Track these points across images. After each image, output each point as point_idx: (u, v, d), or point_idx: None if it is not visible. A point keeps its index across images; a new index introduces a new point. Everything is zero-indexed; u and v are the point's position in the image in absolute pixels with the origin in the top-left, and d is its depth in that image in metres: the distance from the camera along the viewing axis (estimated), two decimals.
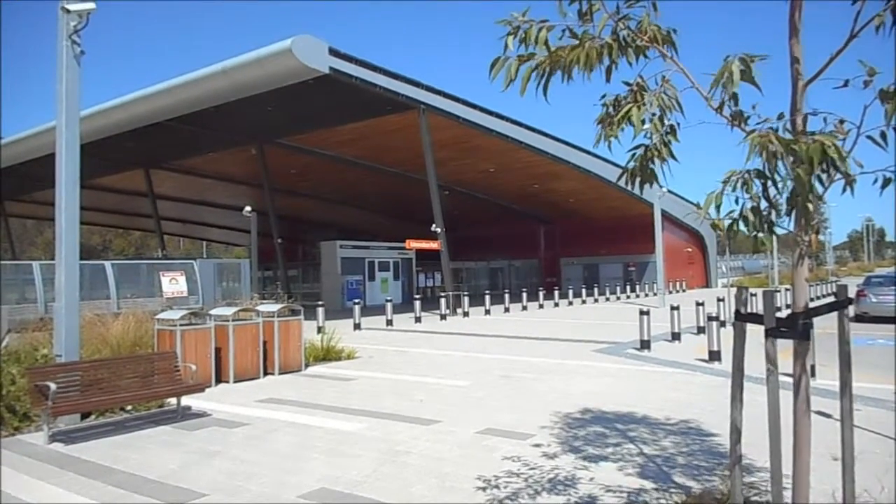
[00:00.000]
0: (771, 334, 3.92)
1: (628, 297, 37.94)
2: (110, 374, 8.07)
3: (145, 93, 23.67)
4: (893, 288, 19.95)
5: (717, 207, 3.17)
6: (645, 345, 14.14)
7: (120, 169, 34.77)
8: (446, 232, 26.25)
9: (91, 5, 8.32)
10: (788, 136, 3.42)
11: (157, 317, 10.60)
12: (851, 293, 32.91)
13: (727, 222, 3.32)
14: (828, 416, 7.56)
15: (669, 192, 37.02)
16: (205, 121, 25.66)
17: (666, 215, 34.08)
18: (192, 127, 26.58)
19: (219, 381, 10.75)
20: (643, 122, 3.28)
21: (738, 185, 3.23)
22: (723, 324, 18.60)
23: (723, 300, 19.57)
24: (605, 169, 36.02)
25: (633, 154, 3.52)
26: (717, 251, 54.06)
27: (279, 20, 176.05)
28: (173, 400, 8.65)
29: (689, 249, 47.70)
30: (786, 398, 3.85)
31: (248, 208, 25.21)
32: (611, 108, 3.68)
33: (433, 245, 26.63)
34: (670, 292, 38.75)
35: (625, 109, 3.31)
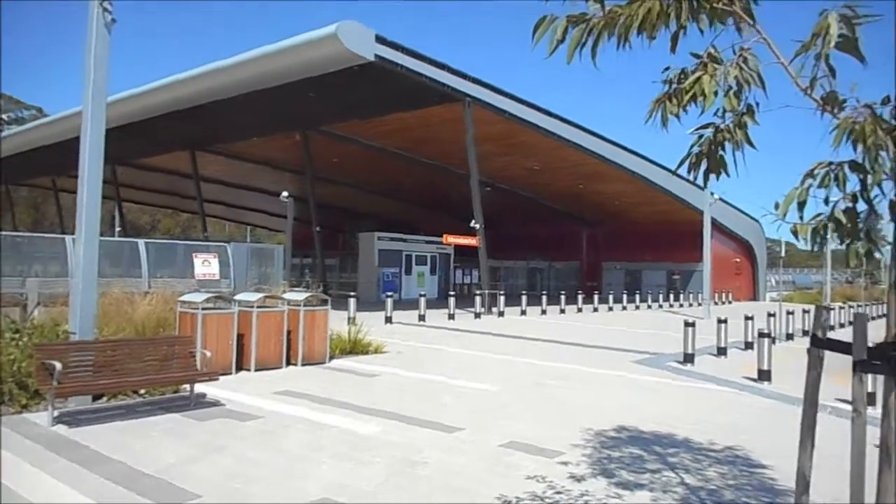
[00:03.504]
0: (861, 368, 3.18)
1: (671, 305, 36.74)
2: (124, 355, 7.76)
3: (191, 74, 23.70)
4: None
5: (801, 207, 2.55)
6: (688, 358, 13.33)
7: (167, 150, 35.10)
8: (486, 229, 25.65)
9: None
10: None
11: (180, 299, 10.30)
12: None
13: (811, 226, 2.69)
14: None
15: (720, 199, 35.68)
16: (249, 105, 25.54)
17: (715, 223, 32.79)
18: (237, 111, 26.52)
19: (239, 368, 10.41)
20: (715, 93, 2.66)
21: (829, 179, 2.60)
22: (773, 340, 17.68)
23: (774, 315, 18.56)
24: (653, 172, 34.93)
25: (700, 136, 2.90)
26: (766, 263, 52.22)
27: (324, 13, 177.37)
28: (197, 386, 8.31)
29: (738, 260, 46.06)
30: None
31: (284, 193, 25.00)
32: (674, 84, 3.07)
33: (471, 241, 26.04)
34: (716, 303, 37.37)
35: (694, 76, 2.69)
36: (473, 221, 25.20)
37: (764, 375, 11.49)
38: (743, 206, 45.69)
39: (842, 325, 25.73)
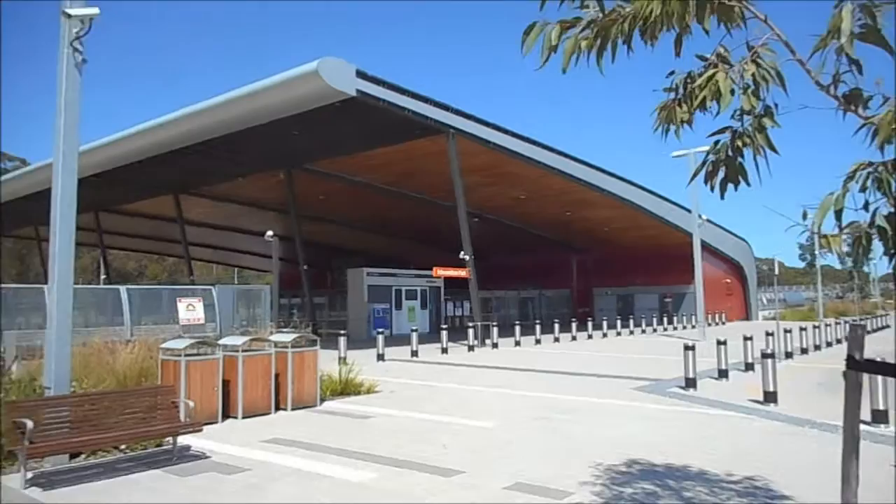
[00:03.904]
0: None
1: (665, 329, 36.44)
2: (103, 409, 7.32)
3: (171, 117, 23.47)
4: None
5: (839, 215, 2.26)
6: (690, 383, 12.96)
7: (150, 194, 34.78)
8: (475, 260, 25.36)
9: (94, 10, 7.76)
10: None
11: (162, 346, 9.87)
12: None
13: (850, 236, 2.40)
14: None
15: (708, 220, 35.68)
16: (232, 146, 25.35)
17: (704, 245, 32.69)
18: (220, 152, 26.30)
19: (226, 415, 9.94)
20: (732, 92, 2.38)
21: (868, 181, 2.32)
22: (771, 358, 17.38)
23: (772, 334, 18.27)
24: (641, 196, 34.97)
25: (716, 143, 2.62)
26: (756, 282, 52.22)
27: (303, 46, 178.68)
28: (179, 438, 7.85)
29: (728, 280, 45.98)
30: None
31: (269, 233, 24.66)
32: (681, 89, 2.81)
33: (461, 273, 25.71)
34: (709, 324, 37.11)
35: (708, 74, 2.42)
36: (462, 253, 24.91)
37: (770, 397, 11.14)
38: (731, 227, 45.76)
39: (838, 342, 25.47)
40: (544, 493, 6.08)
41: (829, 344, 23.84)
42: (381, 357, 19.38)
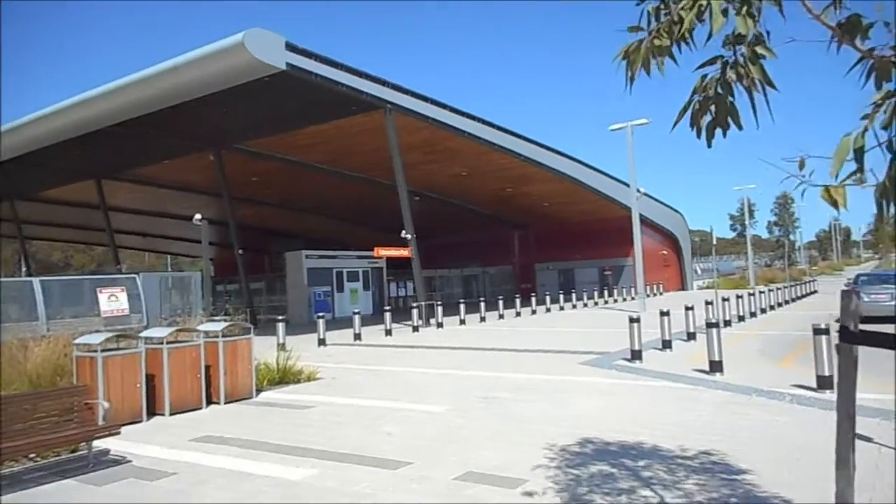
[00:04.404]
0: None
1: (606, 301, 36.92)
2: (7, 416, 6.51)
3: (89, 95, 21.90)
4: (887, 286, 19.06)
5: (859, 155, 1.87)
6: (636, 355, 12.87)
7: (70, 180, 32.75)
8: (418, 240, 24.86)
9: None
10: None
11: (76, 341, 9.01)
12: (827, 292, 32.07)
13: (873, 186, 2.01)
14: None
15: (645, 194, 36.16)
16: (156, 125, 23.96)
17: (642, 218, 33.05)
18: (144, 132, 24.84)
19: (152, 413, 9.20)
20: (724, 13, 1.95)
21: (894, 115, 1.93)
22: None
23: (711, 303, 18.53)
24: (580, 171, 35.10)
25: (703, 78, 2.18)
26: (691, 253, 53.60)
27: (237, 19, 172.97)
28: (96, 442, 7.12)
29: (665, 252, 46.95)
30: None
31: (198, 216, 23.42)
32: (653, 20, 2.36)
33: (404, 252, 25.17)
34: (648, 296, 37.79)
35: None
36: (404, 232, 24.37)
37: (716, 367, 11.10)
38: (665, 200, 46.61)
39: (771, 308, 26.21)
40: (497, 481, 5.70)
41: (763, 311, 24.46)
42: (322, 342, 18.73)
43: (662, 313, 14.72)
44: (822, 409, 8.12)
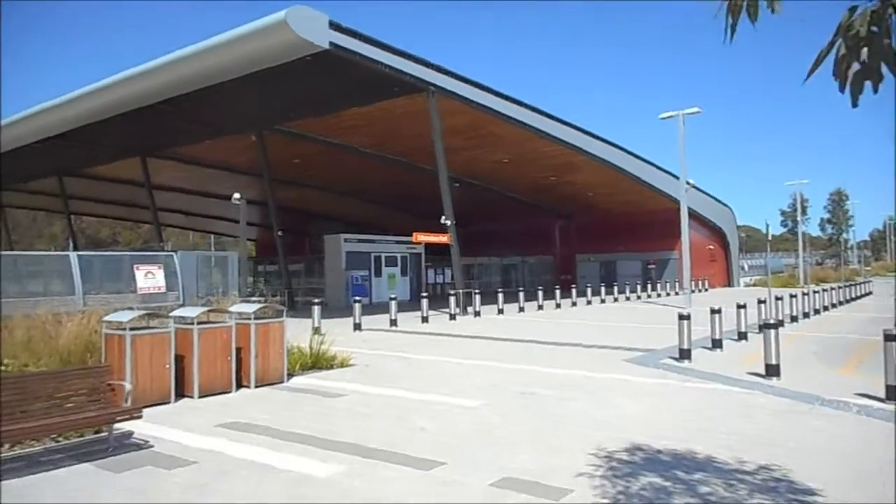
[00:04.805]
0: None
1: (649, 296, 35.92)
2: (23, 394, 6.30)
3: (133, 72, 21.95)
4: None
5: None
6: (685, 354, 12.19)
7: (116, 156, 33.17)
8: (457, 226, 24.38)
9: None
10: None
11: (105, 318, 8.80)
12: (882, 294, 30.50)
13: None
14: None
15: (693, 186, 34.95)
16: (200, 105, 23.95)
17: (689, 211, 31.94)
18: (187, 111, 24.88)
19: (181, 395, 8.96)
20: None
21: None
22: (761, 329, 16.71)
23: (764, 302, 17.63)
24: (626, 161, 34.12)
25: (852, 12, 1.64)
26: (738, 249, 51.99)
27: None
28: (122, 424, 6.88)
29: (712, 247, 45.57)
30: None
31: (237, 195, 23.32)
32: None
33: (442, 239, 24.73)
34: (693, 291, 36.72)
35: None
36: (444, 218, 23.91)
37: (772, 370, 10.38)
38: (714, 192, 45.20)
39: (825, 309, 25.02)
40: (537, 490, 5.22)
41: (816, 311, 23.35)
42: (357, 327, 18.46)
43: (713, 311, 13.96)
44: (892, 423, 7.43)
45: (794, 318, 20.35)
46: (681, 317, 12.49)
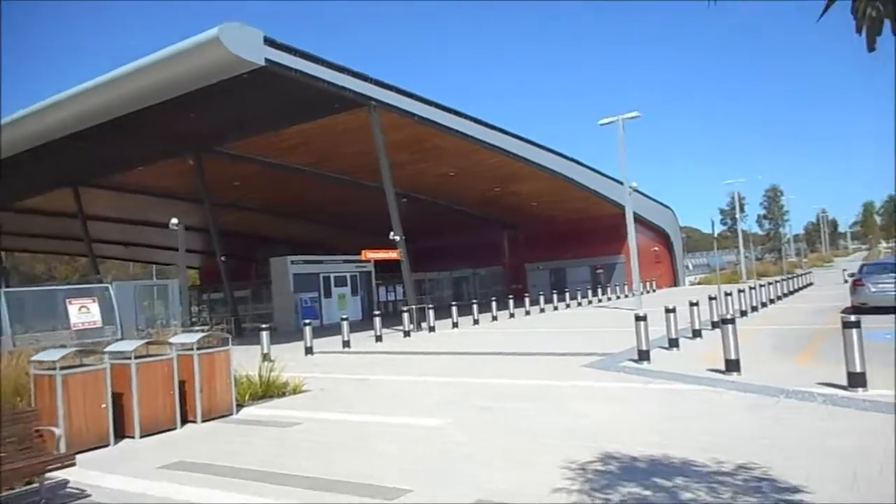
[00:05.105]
0: None
1: (599, 300, 36.25)
2: None
3: (58, 98, 20.89)
4: (893, 275, 18.45)
5: None
6: (644, 355, 12.10)
7: (46, 188, 31.64)
8: (406, 242, 24.02)
9: None
10: None
11: (34, 358, 8.10)
12: (821, 284, 31.67)
13: None
14: None
15: (636, 189, 35.52)
16: (131, 129, 22.97)
17: (634, 215, 32.37)
18: (119, 137, 23.83)
19: (121, 435, 8.30)
20: None
21: None
22: (716, 325, 16.85)
23: (715, 299, 17.80)
24: (570, 168, 34.43)
25: None
26: (682, 249, 53.20)
27: (216, 18, 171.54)
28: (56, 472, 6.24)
29: (657, 249, 46.43)
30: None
31: (174, 220, 22.39)
32: None
33: (392, 255, 24.30)
34: (642, 293, 37.20)
35: None
36: (392, 234, 23.52)
37: (732, 366, 10.35)
38: (656, 196, 46.13)
39: (772, 301, 25.59)
40: None
41: (763, 305, 23.85)
42: (309, 350, 17.83)
43: (668, 310, 13.96)
44: (858, 410, 7.41)
45: (743, 313, 20.68)
46: (637, 318, 12.42)
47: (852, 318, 8.61)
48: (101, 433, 7.94)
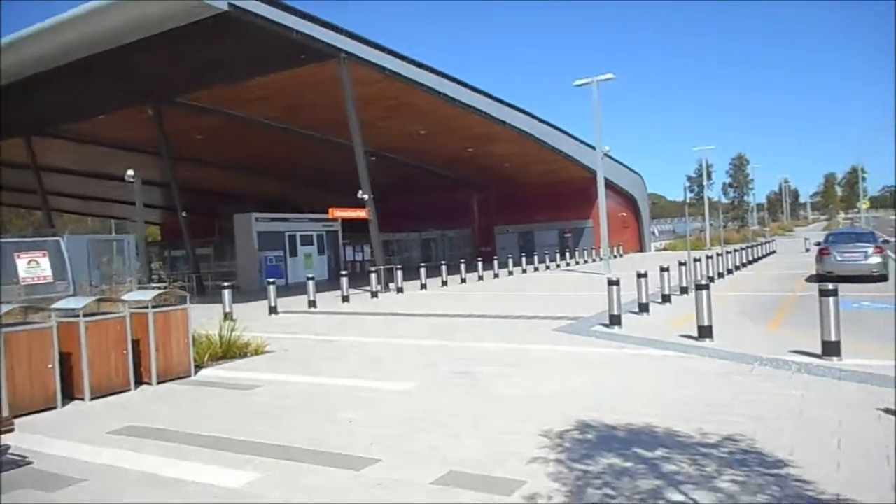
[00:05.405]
0: None
1: (567, 264, 36.29)
2: None
3: (9, 39, 19.59)
4: (860, 244, 18.63)
5: None
6: (615, 320, 11.95)
7: None
8: (375, 202, 23.47)
9: None
10: None
11: None
12: (784, 252, 32.11)
13: None
14: None
15: (607, 155, 35.31)
16: (88, 75, 21.79)
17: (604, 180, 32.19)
18: (75, 83, 22.61)
19: (70, 398, 7.83)
20: None
21: None
22: (685, 290, 16.86)
23: (684, 264, 17.77)
24: (543, 131, 34.00)
25: None
26: (649, 215, 53.55)
27: None
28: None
29: (624, 214, 46.57)
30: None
31: (130, 172, 21.33)
32: None
33: (360, 213, 23.74)
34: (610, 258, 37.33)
35: None
36: (361, 192, 22.93)
37: (705, 332, 10.23)
38: (625, 161, 46.09)
39: (737, 268, 25.82)
40: (489, 485, 4.59)
41: (729, 271, 24.02)
42: (273, 310, 17.35)
43: (640, 275, 13.81)
44: (835, 379, 7.31)
45: (710, 279, 20.74)
46: (610, 282, 12.23)
47: (830, 286, 8.48)
48: (47, 395, 7.46)
